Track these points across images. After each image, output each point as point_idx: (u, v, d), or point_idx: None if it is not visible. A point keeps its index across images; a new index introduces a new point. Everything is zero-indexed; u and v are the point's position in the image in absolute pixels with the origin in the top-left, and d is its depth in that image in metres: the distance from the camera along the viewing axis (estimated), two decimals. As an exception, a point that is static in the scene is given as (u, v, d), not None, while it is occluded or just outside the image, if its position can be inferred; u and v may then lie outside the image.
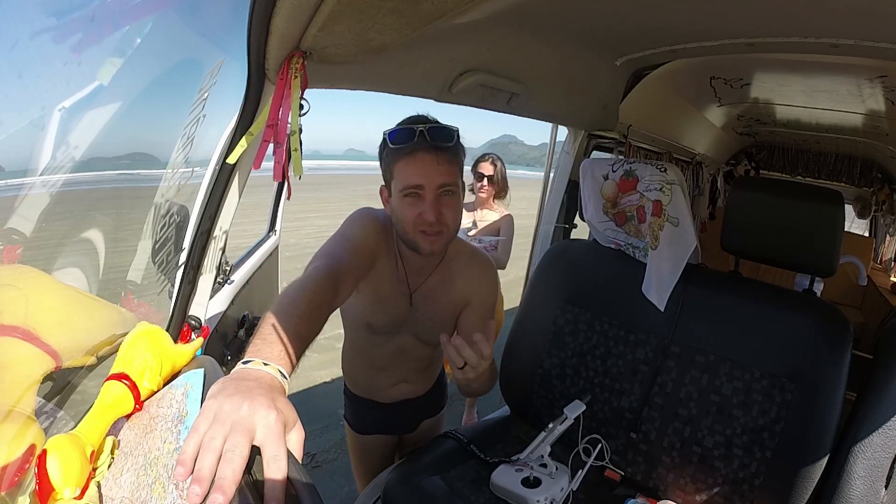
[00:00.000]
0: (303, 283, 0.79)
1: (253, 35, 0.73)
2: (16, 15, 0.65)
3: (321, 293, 0.79)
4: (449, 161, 0.92)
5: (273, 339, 0.63)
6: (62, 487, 0.49)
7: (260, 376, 0.55)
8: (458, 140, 0.93)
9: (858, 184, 3.34)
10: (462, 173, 0.97)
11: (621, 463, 1.15)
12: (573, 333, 1.26)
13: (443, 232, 0.94)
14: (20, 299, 0.63)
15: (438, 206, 0.92)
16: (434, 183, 0.91)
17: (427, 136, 0.90)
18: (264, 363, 0.58)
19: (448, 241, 0.98)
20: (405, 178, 0.92)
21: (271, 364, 0.58)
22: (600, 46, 1.36)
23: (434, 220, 0.91)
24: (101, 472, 0.56)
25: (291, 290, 0.77)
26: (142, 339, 0.67)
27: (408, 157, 0.91)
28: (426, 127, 0.90)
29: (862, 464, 0.88)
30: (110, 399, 0.61)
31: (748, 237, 1.12)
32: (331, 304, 0.82)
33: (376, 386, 1.22)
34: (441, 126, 0.92)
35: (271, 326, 0.65)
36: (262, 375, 0.55)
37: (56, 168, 0.69)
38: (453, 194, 0.94)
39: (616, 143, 1.98)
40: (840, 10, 1.00)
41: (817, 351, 0.96)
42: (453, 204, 0.95)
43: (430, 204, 0.91)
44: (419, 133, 0.89)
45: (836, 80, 1.61)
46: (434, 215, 0.91)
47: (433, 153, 0.90)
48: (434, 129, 0.91)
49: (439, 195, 0.92)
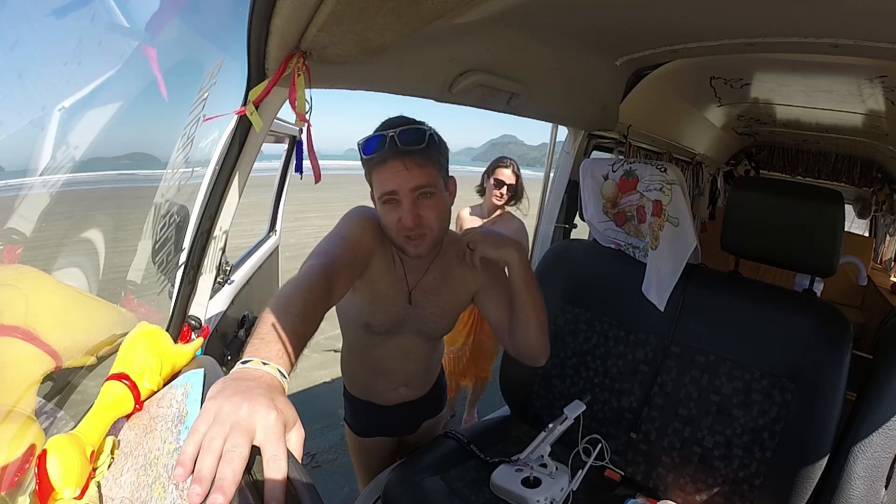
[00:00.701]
0: (298, 281, 0.79)
1: (253, 35, 0.73)
2: (16, 15, 0.65)
3: (316, 291, 0.79)
4: (420, 163, 0.90)
5: (271, 338, 0.63)
6: (62, 487, 0.49)
7: (259, 376, 0.55)
8: (430, 140, 0.92)
9: (858, 184, 3.34)
10: (442, 170, 0.96)
11: (621, 463, 1.15)
12: (573, 333, 1.26)
13: (426, 234, 0.93)
14: (20, 299, 0.63)
15: (416, 210, 0.91)
16: (407, 187, 0.90)
17: (397, 141, 0.89)
18: (263, 363, 0.57)
19: (434, 241, 0.97)
20: (380, 186, 0.92)
21: (270, 363, 0.58)
22: (600, 46, 1.36)
23: (412, 224, 0.91)
24: (101, 472, 0.57)
25: (287, 288, 0.77)
26: (142, 339, 0.67)
27: (380, 166, 0.91)
28: (396, 132, 0.89)
29: (862, 464, 0.88)
30: (110, 399, 0.61)
31: (748, 237, 1.12)
32: (326, 302, 0.82)
33: (376, 389, 1.22)
34: (411, 128, 0.90)
35: (269, 326, 0.65)
36: (261, 375, 0.55)
37: (56, 168, 0.69)
38: (432, 195, 0.93)
39: (616, 143, 1.98)
40: (840, 10, 1.00)
41: (817, 351, 0.96)
42: (433, 204, 0.94)
43: (407, 209, 0.90)
44: (389, 139, 0.89)
45: (836, 80, 1.61)
46: (412, 220, 0.91)
47: (402, 158, 0.89)
48: (404, 132, 0.89)
49: (416, 198, 0.91)
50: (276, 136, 1.96)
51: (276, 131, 1.85)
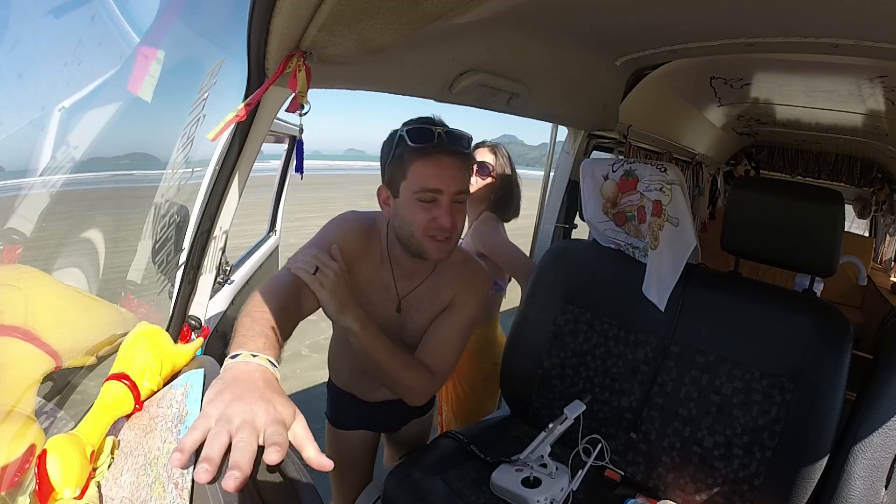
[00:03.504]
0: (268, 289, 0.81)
1: (253, 35, 0.73)
2: (16, 15, 0.65)
3: (285, 301, 0.80)
4: (465, 168, 0.91)
5: (254, 332, 0.65)
6: (62, 487, 0.49)
7: (251, 371, 0.56)
8: (471, 147, 0.93)
9: (858, 184, 3.34)
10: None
11: (621, 463, 1.15)
12: (573, 333, 1.26)
13: (451, 238, 0.93)
14: (20, 299, 0.63)
15: (453, 213, 0.90)
16: (452, 188, 0.89)
17: (446, 139, 0.88)
18: (253, 354, 0.58)
19: (453, 248, 0.96)
20: (423, 180, 0.88)
21: (259, 354, 0.59)
22: (600, 46, 1.36)
23: (450, 226, 0.89)
24: (101, 472, 0.56)
25: (260, 294, 0.79)
26: (142, 339, 0.67)
27: (427, 159, 0.88)
28: (444, 130, 0.88)
29: (862, 464, 0.88)
30: (110, 399, 0.61)
31: (748, 237, 1.12)
32: (296, 315, 0.83)
33: (360, 386, 1.20)
34: (458, 132, 0.90)
35: (249, 322, 0.68)
36: (253, 370, 0.56)
37: (56, 168, 0.69)
38: (463, 202, 0.93)
39: (616, 143, 1.97)
40: (840, 10, 1.00)
41: (817, 351, 0.96)
42: (464, 211, 0.94)
43: (446, 210, 0.89)
44: (438, 135, 0.87)
45: (836, 80, 1.61)
46: (450, 221, 0.89)
47: (453, 158, 0.88)
48: (452, 133, 0.89)
49: (455, 202, 0.90)
50: (276, 136, 1.96)
51: (276, 131, 1.85)
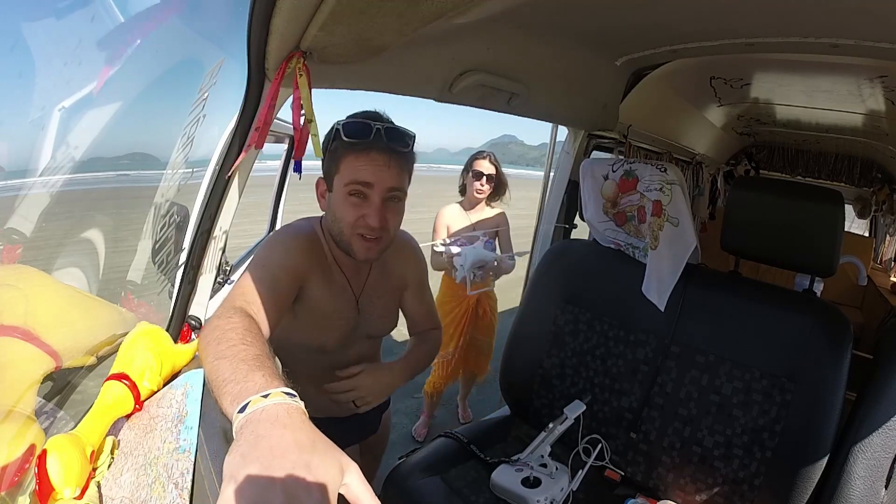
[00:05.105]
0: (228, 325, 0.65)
1: (253, 35, 0.73)
2: (16, 15, 0.65)
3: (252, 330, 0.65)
4: (401, 166, 0.88)
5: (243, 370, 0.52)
6: (62, 487, 0.49)
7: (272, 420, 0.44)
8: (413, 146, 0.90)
9: (858, 184, 3.34)
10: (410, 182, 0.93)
11: (621, 463, 1.15)
12: (573, 333, 1.26)
13: (382, 238, 0.90)
14: (20, 299, 0.63)
15: (384, 211, 0.88)
16: (384, 185, 0.87)
17: (384, 135, 0.85)
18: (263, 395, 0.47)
19: (384, 248, 0.93)
20: (353, 173, 0.86)
21: (271, 392, 0.47)
22: (600, 46, 1.36)
23: (378, 225, 0.87)
24: (101, 472, 0.57)
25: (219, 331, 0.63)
26: (142, 339, 0.67)
27: (360, 153, 0.85)
28: (384, 126, 0.86)
29: (862, 464, 0.88)
30: (110, 399, 0.61)
31: (748, 237, 1.12)
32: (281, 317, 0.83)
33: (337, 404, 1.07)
34: (399, 128, 0.88)
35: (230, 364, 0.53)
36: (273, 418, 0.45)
37: (56, 168, 0.69)
38: (399, 201, 0.91)
39: (616, 143, 1.97)
40: (840, 10, 1.00)
41: (817, 351, 0.96)
42: (398, 210, 0.91)
43: (375, 207, 0.86)
44: (376, 131, 0.85)
45: (836, 80, 1.61)
46: (379, 220, 0.87)
47: (388, 154, 0.86)
48: (391, 129, 0.86)
49: (387, 199, 0.88)
50: (276, 136, 1.96)
51: (277, 131, 1.85)
